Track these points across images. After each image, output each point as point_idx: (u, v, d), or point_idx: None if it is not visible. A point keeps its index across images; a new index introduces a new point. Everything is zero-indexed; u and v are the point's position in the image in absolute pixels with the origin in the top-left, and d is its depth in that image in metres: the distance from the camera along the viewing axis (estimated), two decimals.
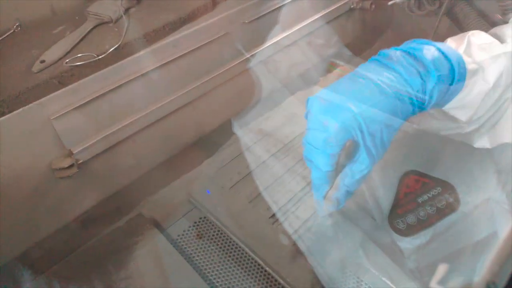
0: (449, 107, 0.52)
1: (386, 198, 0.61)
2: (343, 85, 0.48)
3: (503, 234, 0.55)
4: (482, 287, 0.33)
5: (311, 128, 0.47)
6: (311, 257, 0.58)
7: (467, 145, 0.61)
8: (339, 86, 0.48)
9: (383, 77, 0.47)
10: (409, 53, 0.49)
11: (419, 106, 0.49)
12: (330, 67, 0.85)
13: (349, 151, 0.47)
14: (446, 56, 0.49)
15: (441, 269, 0.50)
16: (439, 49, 0.50)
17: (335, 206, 0.50)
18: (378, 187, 0.62)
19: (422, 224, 0.58)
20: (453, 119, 0.53)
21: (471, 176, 0.61)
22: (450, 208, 0.58)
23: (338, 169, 0.48)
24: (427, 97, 0.48)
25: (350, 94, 0.47)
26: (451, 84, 0.49)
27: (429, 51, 0.49)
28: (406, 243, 0.58)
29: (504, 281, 0.33)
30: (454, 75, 0.49)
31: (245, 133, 0.72)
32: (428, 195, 0.60)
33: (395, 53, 0.49)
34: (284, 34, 0.88)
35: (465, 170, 0.62)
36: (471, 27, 0.80)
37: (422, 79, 0.47)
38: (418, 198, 0.60)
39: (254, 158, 0.70)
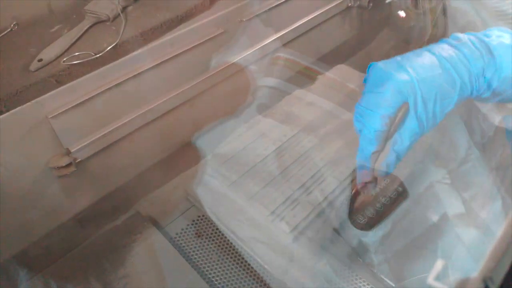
0: None
1: (343, 196, 0.63)
2: (404, 56, 0.49)
3: (451, 212, 0.61)
4: (479, 283, 0.33)
5: (366, 91, 0.49)
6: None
7: None
8: (401, 57, 0.49)
9: (445, 53, 0.48)
10: (479, 38, 0.49)
11: (477, 91, 0.48)
12: (276, 61, 0.87)
13: (402, 117, 0.48)
14: None
15: (438, 265, 0.50)
16: None
17: (385, 171, 0.50)
18: (335, 187, 0.64)
19: (381, 215, 0.61)
20: None
21: (408, 168, 0.67)
22: (402, 197, 0.62)
23: (389, 135, 0.49)
24: (485, 84, 0.48)
25: (410, 62, 0.48)
26: None
27: (501, 38, 0.48)
28: (371, 237, 0.60)
29: (501, 276, 0.34)
30: None
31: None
32: (380, 187, 0.63)
33: (465, 36, 0.49)
34: (281, 33, 0.88)
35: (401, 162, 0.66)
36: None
37: (484, 64, 0.47)
38: (371, 191, 0.61)
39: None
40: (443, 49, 0.49)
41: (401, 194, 0.63)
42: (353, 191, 0.63)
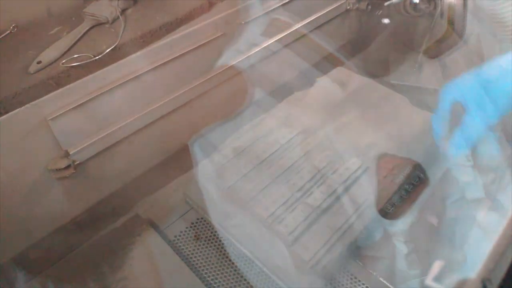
0: None
1: (371, 185, 0.64)
2: None
3: (470, 195, 0.60)
4: (478, 284, 0.33)
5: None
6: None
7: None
8: None
9: None
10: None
11: None
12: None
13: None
14: None
15: (436, 266, 0.50)
16: None
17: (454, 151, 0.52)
18: (363, 178, 0.65)
19: (407, 202, 0.62)
20: None
21: (426, 152, 0.67)
22: (423, 183, 0.64)
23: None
24: None
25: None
26: None
27: None
28: (400, 226, 0.60)
29: (499, 278, 0.34)
30: None
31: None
32: (403, 174, 0.64)
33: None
34: (280, 36, 0.88)
35: (420, 147, 0.68)
36: None
37: None
38: (396, 179, 0.64)
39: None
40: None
41: (423, 180, 0.64)
42: (379, 180, 0.64)
